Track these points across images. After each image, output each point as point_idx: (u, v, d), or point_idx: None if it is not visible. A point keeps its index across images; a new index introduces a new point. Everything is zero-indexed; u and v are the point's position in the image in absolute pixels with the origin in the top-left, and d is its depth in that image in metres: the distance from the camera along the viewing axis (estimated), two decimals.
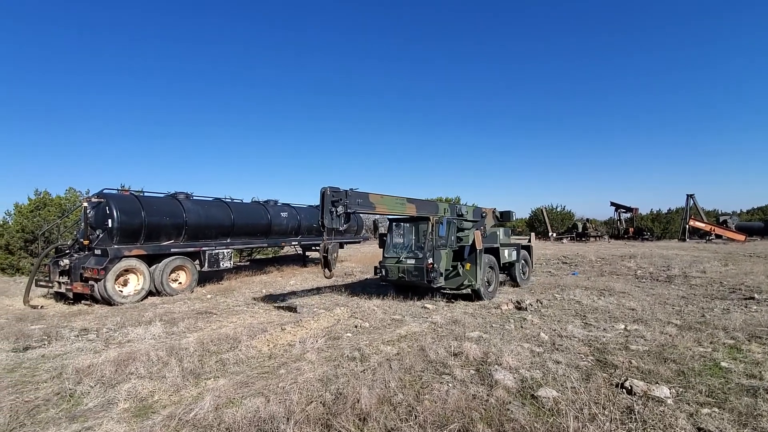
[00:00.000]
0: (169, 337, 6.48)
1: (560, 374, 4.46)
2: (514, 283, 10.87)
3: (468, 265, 8.75)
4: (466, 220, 10.01)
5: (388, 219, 9.96)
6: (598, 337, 5.94)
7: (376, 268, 9.46)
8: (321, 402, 3.86)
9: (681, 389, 4.07)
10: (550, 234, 34.38)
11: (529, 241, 12.28)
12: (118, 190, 11.17)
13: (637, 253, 18.83)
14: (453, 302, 8.83)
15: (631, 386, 4.05)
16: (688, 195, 33.97)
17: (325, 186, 6.93)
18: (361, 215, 18.22)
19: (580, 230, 34.21)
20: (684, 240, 32.09)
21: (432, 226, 8.71)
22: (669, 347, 5.40)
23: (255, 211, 14.01)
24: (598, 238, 33.81)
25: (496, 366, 4.71)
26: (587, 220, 37.49)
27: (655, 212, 38.80)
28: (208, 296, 10.47)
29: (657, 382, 4.20)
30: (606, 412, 3.55)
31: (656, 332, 6.11)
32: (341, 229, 7.13)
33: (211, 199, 13.15)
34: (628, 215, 37.52)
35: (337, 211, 6.86)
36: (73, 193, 17.92)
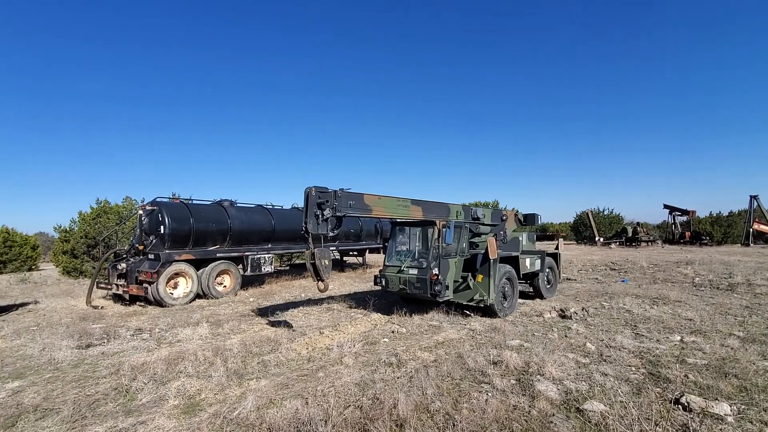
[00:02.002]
0: (215, 338, 6.77)
1: (608, 387, 4.24)
2: (538, 296, 9.66)
3: (480, 277, 7.63)
4: (483, 224, 9.01)
5: (390, 222, 9.12)
6: (651, 349, 5.58)
7: (376, 277, 8.43)
8: (358, 406, 3.89)
9: (743, 406, 3.75)
10: (596, 239, 32.80)
11: (557, 248, 11.02)
12: (169, 198, 11.86)
13: (694, 259, 17.57)
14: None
15: (687, 402, 3.77)
16: (751, 196, 31.40)
17: (310, 186, 6.12)
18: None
19: (629, 235, 32.37)
20: (747, 245, 29.66)
21: (439, 231, 7.62)
22: (730, 361, 4.98)
23: (294, 217, 14.37)
24: (650, 243, 31.85)
25: (538, 376, 4.54)
26: (638, 223, 35.45)
27: (714, 215, 36.14)
28: (251, 299, 10.84)
29: (716, 399, 3.88)
30: (659, 429, 3.32)
31: (716, 344, 5.65)
32: (330, 235, 6.38)
33: (253, 205, 13.65)
34: (684, 218, 35.16)
35: (323, 215, 6.08)
36: (130, 201, 19.21)
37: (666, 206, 35.28)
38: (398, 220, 8.67)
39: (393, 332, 6.87)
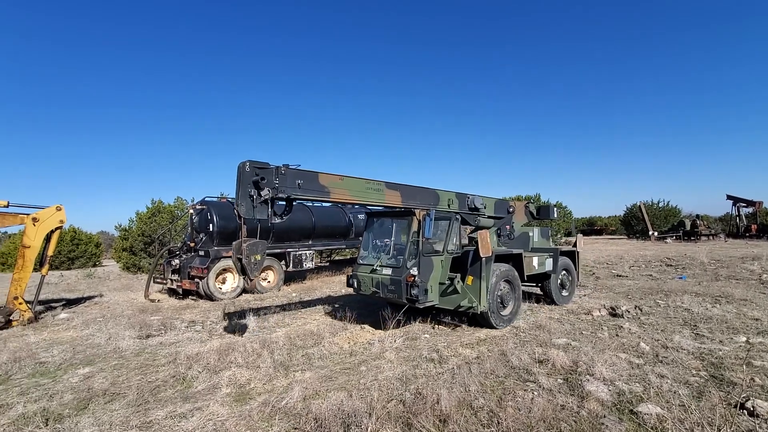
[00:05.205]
0: (261, 331, 7.05)
1: (665, 389, 4.00)
2: (550, 301, 8.44)
3: (470, 279, 6.47)
4: (483, 216, 7.82)
5: (365, 213, 8.02)
6: (713, 350, 5.20)
7: (348, 277, 7.35)
8: (401, 400, 3.92)
9: None
10: (650, 233, 30.90)
11: (574, 245, 9.49)
12: (217, 197, 12.43)
13: (761, 254, 16.14)
14: (537, 305, 8.36)
15: (753, 407, 3.50)
16: None
17: (245, 160, 5.02)
18: None
19: (687, 228, 30.23)
20: None
21: (419, 222, 6.44)
22: None
23: (334, 214, 14.63)
24: (711, 237, 29.61)
25: (587, 376, 4.37)
26: (697, 216, 32.99)
27: None
28: (293, 294, 11.18)
29: None
30: None
31: None
32: (274, 221, 5.38)
33: (294, 203, 14.00)
34: (750, 210, 32.35)
35: (260, 195, 4.97)
36: (181, 201, 20.34)
37: (729, 197, 32.65)
38: (374, 210, 7.53)
39: (434, 328, 6.85)
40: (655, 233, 31.08)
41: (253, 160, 5.06)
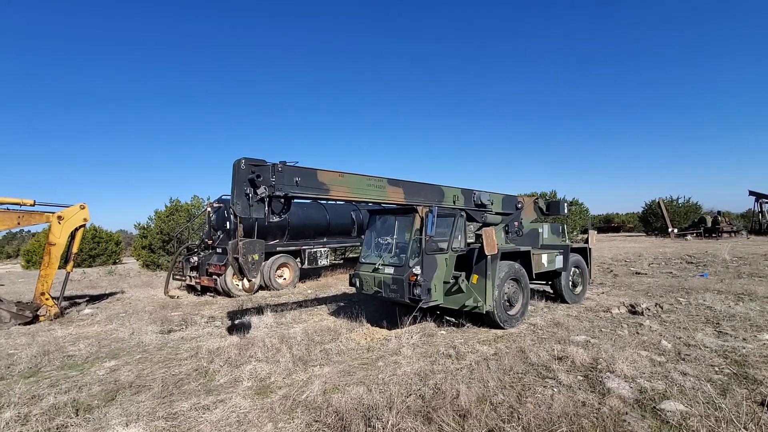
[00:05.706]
0: (279, 326, 7.14)
1: (688, 387, 3.94)
2: (561, 300, 8.24)
3: (475, 277, 6.28)
4: (490, 213, 7.64)
5: (368, 210, 8.04)
6: (737, 348, 5.10)
7: (351, 276, 7.22)
8: (420, 395, 3.94)
9: None
10: (670, 230, 30.26)
11: (586, 241, 9.11)
12: None
13: None
14: (555, 303, 8.28)
15: None
16: None
17: (240, 158, 4.91)
18: None
19: (708, 225, 29.51)
20: None
21: (422, 220, 6.27)
22: None
23: (348, 212, 14.71)
24: (733, 234, 28.88)
25: (608, 373, 4.33)
26: (718, 213, 32.13)
27: None
28: (308, 291, 11.29)
29: None
30: None
31: None
32: (270, 220, 5.22)
33: (308, 201, 14.12)
34: None
35: (257, 193, 4.87)
36: (197, 199, 20.70)
37: (752, 193, 31.74)
38: (376, 208, 7.60)
39: (450, 324, 6.85)
40: (675, 230, 30.44)
41: (248, 158, 4.93)
